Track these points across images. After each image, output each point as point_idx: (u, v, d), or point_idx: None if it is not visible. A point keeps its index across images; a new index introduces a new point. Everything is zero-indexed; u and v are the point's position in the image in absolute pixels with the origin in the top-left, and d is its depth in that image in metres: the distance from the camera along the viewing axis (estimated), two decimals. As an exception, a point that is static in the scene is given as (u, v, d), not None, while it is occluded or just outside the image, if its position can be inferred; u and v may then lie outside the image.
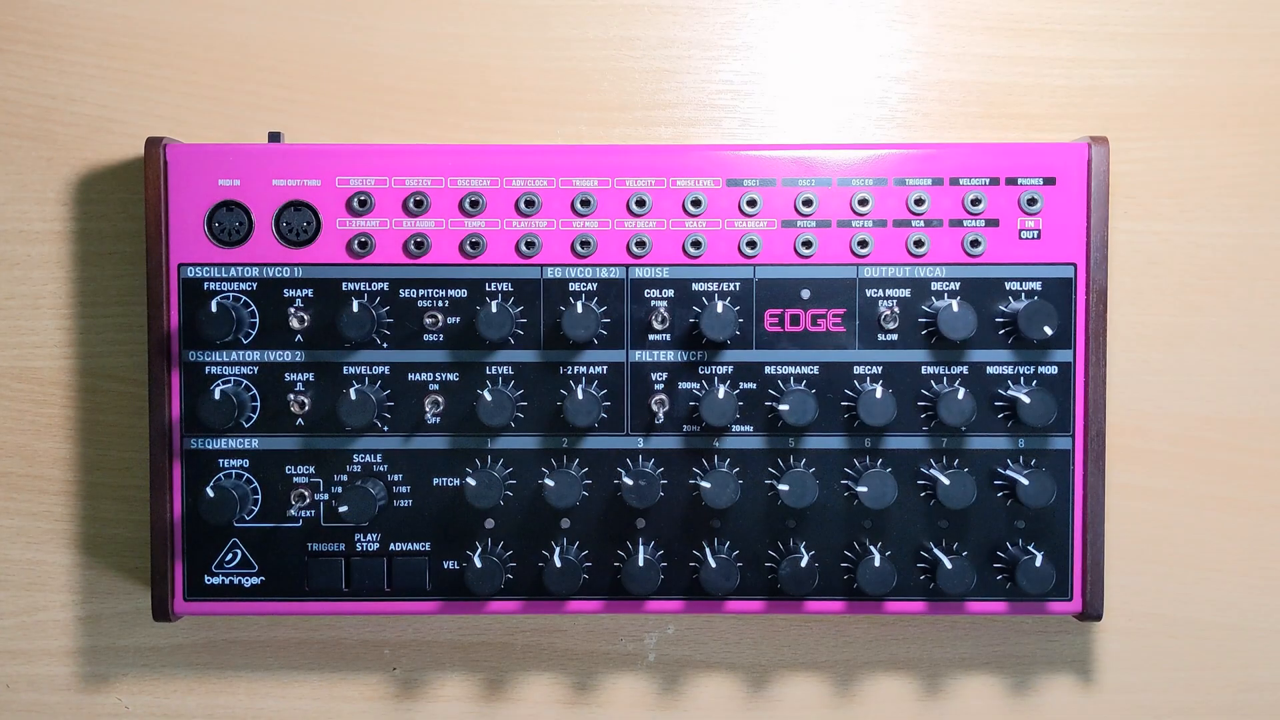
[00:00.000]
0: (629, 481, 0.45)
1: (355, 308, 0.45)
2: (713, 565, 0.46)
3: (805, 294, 0.47)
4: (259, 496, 0.47)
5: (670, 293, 0.47)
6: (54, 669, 0.51)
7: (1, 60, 0.50)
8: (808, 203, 0.46)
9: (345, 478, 0.47)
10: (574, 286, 0.46)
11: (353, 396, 0.45)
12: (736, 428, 0.47)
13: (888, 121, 0.51)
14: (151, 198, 0.46)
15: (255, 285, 0.46)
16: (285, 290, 0.46)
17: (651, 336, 0.47)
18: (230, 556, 0.47)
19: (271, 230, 0.46)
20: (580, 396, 0.46)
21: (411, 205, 0.46)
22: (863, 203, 0.46)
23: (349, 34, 0.50)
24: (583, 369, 0.47)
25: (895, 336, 0.47)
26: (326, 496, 0.47)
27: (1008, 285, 0.47)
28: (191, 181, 0.46)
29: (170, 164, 0.46)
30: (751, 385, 0.47)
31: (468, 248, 0.46)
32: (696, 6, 0.50)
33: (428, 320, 0.46)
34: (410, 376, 0.47)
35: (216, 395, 0.46)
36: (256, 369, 0.47)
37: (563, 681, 0.51)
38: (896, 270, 0.47)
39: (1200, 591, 0.51)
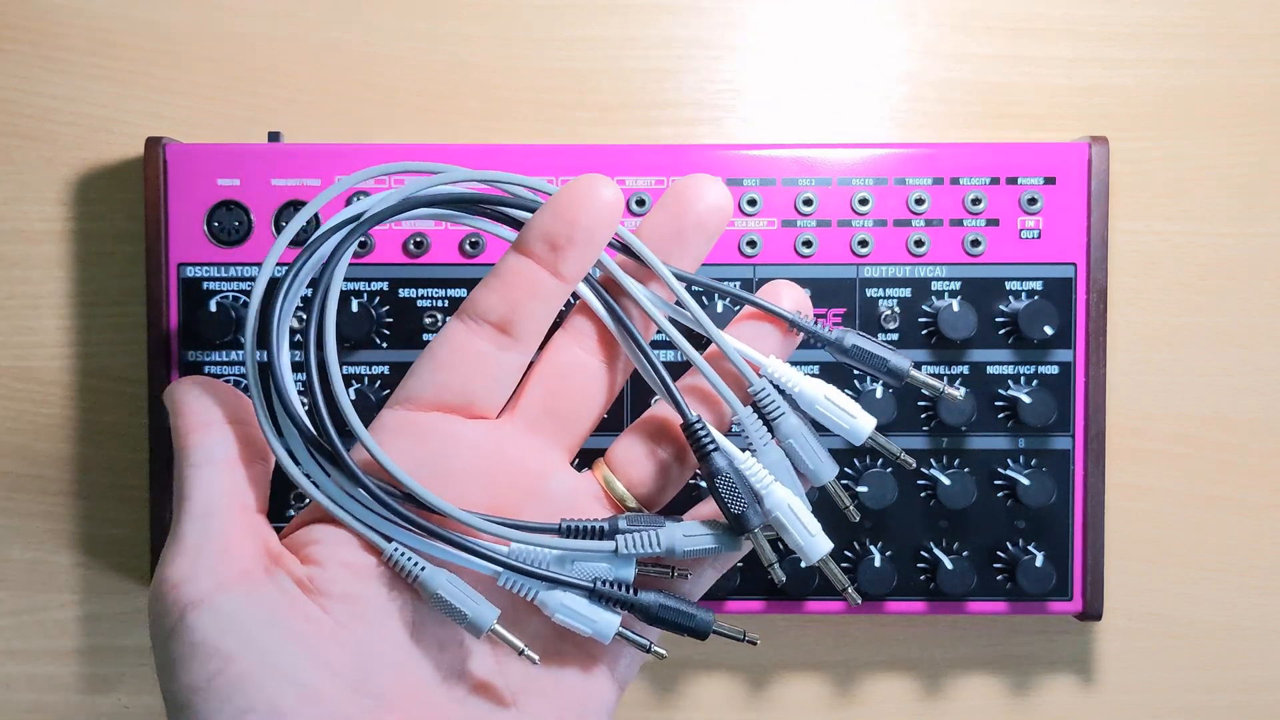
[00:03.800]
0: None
1: (355, 307, 0.45)
2: (713, 565, 0.46)
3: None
4: (259, 496, 0.47)
5: (670, 293, 0.47)
6: (54, 669, 0.51)
7: (1, 60, 0.50)
8: (808, 202, 0.46)
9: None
10: (574, 286, 0.46)
11: (352, 397, 0.45)
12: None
13: (888, 121, 0.51)
14: (151, 198, 0.46)
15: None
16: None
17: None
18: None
19: (271, 230, 0.46)
20: (580, 396, 0.46)
21: (411, 205, 0.46)
22: (863, 202, 0.46)
23: (349, 34, 0.50)
24: (583, 369, 0.47)
25: (895, 336, 0.47)
26: (326, 496, 0.47)
27: (1008, 285, 0.47)
28: (191, 181, 0.46)
29: (170, 164, 0.46)
30: (751, 385, 0.47)
31: (467, 247, 0.46)
32: (697, 6, 0.50)
33: (427, 320, 0.46)
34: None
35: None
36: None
37: (563, 681, 0.51)
38: (897, 270, 0.47)
39: (1200, 591, 0.51)
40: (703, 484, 0.33)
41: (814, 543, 0.33)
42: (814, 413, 0.34)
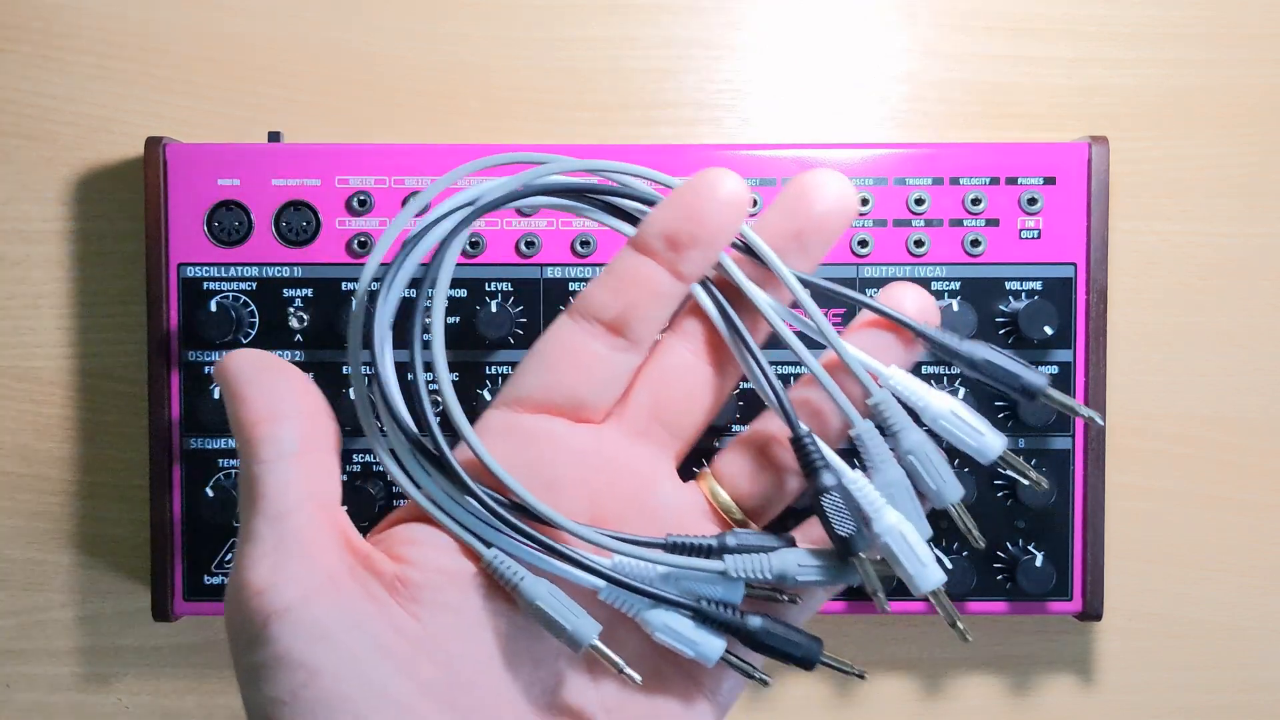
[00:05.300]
0: (629, 481, 0.45)
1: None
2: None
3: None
4: (259, 496, 0.47)
5: (670, 292, 0.46)
6: (54, 669, 0.51)
7: (1, 60, 0.50)
8: (808, 202, 0.46)
9: (345, 478, 0.47)
10: (574, 286, 0.46)
11: (351, 397, 0.45)
12: (737, 427, 0.47)
13: (888, 121, 0.51)
14: (151, 198, 0.46)
15: (255, 285, 0.46)
16: (285, 290, 0.46)
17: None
18: (230, 556, 0.47)
19: (271, 230, 0.46)
20: (580, 396, 0.46)
21: (411, 205, 0.46)
22: (863, 202, 0.46)
23: (349, 34, 0.50)
24: (583, 369, 0.47)
25: (895, 336, 0.47)
26: (326, 496, 0.47)
27: (1008, 285, 0.47)
28: (191, 181, 0.46)
29: (170, 164, 0.46)
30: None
31: (467, 247, 0.46)
32: (697, 6, 0.50)
33: (427, 320, 0.46)
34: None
35: (217, 395, 0.46)
36: (256, 369, 0.47)
37: (563, 681, 0.51)
38: (896, 270, 0.47)
39: (1200, 591, 0.51)
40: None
41: (925, 574, 0.30)
42: (939, 428, 0.32)
